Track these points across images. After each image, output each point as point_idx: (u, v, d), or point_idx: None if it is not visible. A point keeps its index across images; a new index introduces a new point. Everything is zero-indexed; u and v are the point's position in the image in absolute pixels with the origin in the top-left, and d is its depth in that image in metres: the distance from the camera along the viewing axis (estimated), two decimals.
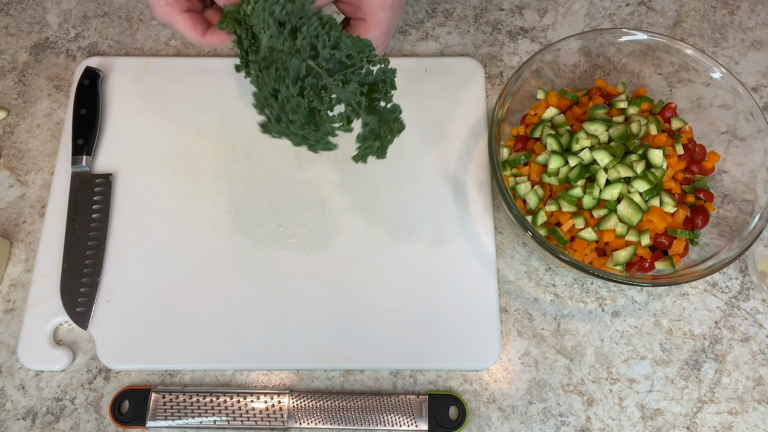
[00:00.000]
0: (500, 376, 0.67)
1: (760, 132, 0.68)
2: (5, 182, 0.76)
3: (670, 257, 0.65)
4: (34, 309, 0.68)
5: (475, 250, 0.71)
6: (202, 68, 0.81)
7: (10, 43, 0.84)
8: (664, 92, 0.75)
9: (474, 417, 0.65)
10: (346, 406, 0.64)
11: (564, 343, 0.69)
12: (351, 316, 0.68)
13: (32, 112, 0.80)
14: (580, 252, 0.65)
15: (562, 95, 0.72)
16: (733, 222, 0.67)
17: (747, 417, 0.66)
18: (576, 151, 0.66)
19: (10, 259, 0.72)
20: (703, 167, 0.70)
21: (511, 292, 0.71)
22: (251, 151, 0.76)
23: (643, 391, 0.67)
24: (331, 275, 0.70)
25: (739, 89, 0.69)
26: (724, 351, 0.68)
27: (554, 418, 0.65)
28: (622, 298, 0.71)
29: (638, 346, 0.69)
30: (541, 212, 0.66)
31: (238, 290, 0.70)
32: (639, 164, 0.64)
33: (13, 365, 0.68)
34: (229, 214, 0.73)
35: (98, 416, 0.66)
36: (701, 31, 0.85)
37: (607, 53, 0.74)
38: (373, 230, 0.72)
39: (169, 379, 0.67)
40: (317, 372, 0.68)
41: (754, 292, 0.71)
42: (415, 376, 0.67)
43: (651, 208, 0.64)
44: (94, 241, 0.71)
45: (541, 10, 0.86)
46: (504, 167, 0.70)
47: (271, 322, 0.68)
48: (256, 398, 0.65)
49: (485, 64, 0.82)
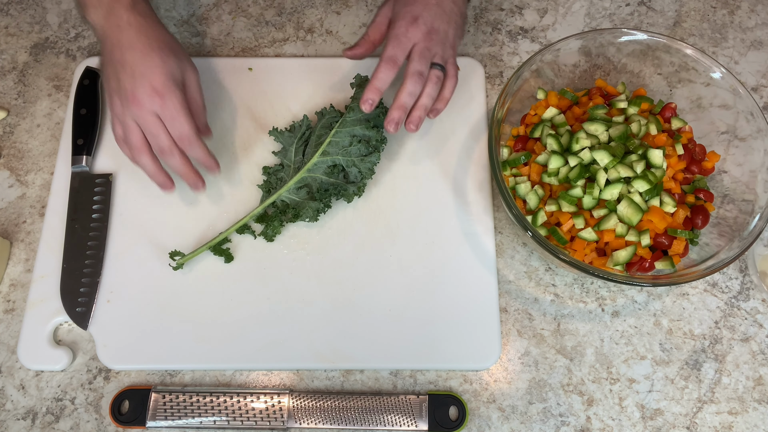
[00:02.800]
0: (500, 376, 0.67)
1: (760, 132, 0.68)
2: (5, 182, 0.76)
3: (670, 257, 0.65)
4: (34, 309, 0.68)
5: (475, 250, 0.71)
6: (202, 68, 0.80)
7: (10, 43, 0.84)
8: (664, 92, 0.75)
9: (474, 417, 0.65)
10: (346, 406, 0.64)
11: (564, 343, 0.69)
12: (351, 316, 0.68)
13: (32, 112, 0.80)
14: (580, 252, 0.65)
15: (562, 95, 0.72)
16: (733, 222, 0.67)
17: (747, 417, 0.66)
18: (576, 151, 0.66)
19: (10, 259, 0.72)
20: (703, 167, 0.70)
21: (511, 292, 0.71)
22: (251, 151, 0.76)
23: (643, 391, 0.67)
24: (331, 275, 0.70)
25: (739, 89, 0.69)
26: (724, 351, 0.68)
27: (554, 418, 0.65)
28: (622, 298, 0.71)
29: (638, 346, 0.69)
30: (541, 212, 0.66)
31: (238, 290, 0.70)
32: (639, 164, 0.64)
33: (13, 365, 0.68)
34: (229, 214, 0.73)
35: (98, 416, 0.66)
36: (701, 31, 0.85)
37: (607, 53, 0.74)
38: (373, 230, 0.72)
39: (169, 379, 0.67)
40: (317, 372, 0.68)
41: (754, 292, 0.71)
42: (415, 376, 0.67)
43: (651, 208, 0.64)
44: (94, 241, 0.71)
45: (541, 10, 0.86)
46: (504, 167, 0.70)
47: (271, 322, 0.68)
48: (256, 398, 0.65)
49: (485, 64, 0.82)
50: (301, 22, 0.85)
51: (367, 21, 0.85)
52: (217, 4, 0.87)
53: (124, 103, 0.63)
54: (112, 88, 0.64)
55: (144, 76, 0.62)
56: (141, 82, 0.62)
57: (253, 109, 0.79)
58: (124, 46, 0.63)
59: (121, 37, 0.63)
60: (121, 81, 0.62)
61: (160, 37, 0.65)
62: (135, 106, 0.62)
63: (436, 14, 0.68)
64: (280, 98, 0.79)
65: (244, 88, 0.80)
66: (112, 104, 0.65)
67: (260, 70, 0.81)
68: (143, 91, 0.62)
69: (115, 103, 0.64)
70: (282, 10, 0.86)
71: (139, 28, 0.63)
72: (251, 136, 0.77)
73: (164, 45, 0.65)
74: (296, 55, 0.83)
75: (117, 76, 0.63)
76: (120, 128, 0.65)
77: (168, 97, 0.63)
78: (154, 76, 0.62)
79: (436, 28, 0.68)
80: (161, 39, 0.65)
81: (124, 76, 0.62)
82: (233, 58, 0.82)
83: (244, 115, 0.78)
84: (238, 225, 0.70)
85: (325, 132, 0.71)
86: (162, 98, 0.62)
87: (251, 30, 0.85)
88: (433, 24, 0.68)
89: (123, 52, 0.62)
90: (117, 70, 0.63)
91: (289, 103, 0.79)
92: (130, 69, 0.62)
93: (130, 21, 0.63)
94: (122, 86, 0.62)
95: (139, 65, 0.62)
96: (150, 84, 0.62)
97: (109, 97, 0.65)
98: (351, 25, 0.85)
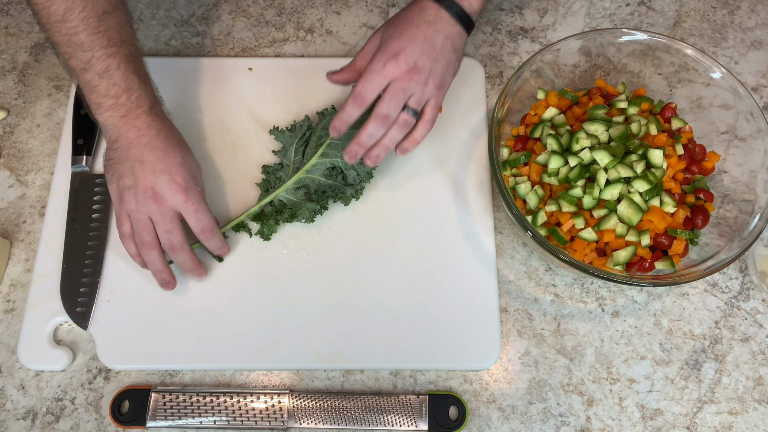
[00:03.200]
0: (500, 376, 0.67)
1: (760, 132, 0.68)
2: (5, 182, 0.76)
3: (670, 257, 0.65)
4: (34, 309, 0.68)
5: (475, 250, 0.71)
6: (202, 68, 0.81)
7: (10, 43, 0.84)
8: (664, 92, 0.75)
9: (474, 417, 0.65)
10: (346, 406, 0.64)
11: (564, 343, 0.69)
12: (351, 316, 0.68)
13: (32, 112, 0.80)
14: (580, 252, 0.65)
15: (562, 95, 0.72)
16: (733, 222, 0.67)
17: (747, 417, 0.66)
18: (576, 151, 0.66)
19: (10, 259, 0.72)
20: (703, 167, 0.70)
21: (511, 292, 0.71)
22: (251, 151, 0.76)
23: (643, 391, 0.67)
24: (331, 275, 0.70)
25: (739, 89, 0.69)
26: (724, 351, 0.68)
27: (554, 418, 0.65)
28: (622, 298, 0.71)
29: (638, 346, 0.69)
30: (541, 212, 0.66)
31: (238, 290, 0.70)
32: (639, 164, 0.64)
33: (13, 365, 0.68)
34: (228, 213, 0.73)
35: (98, 416, 0.66)
36: (701, 31, 0.85)
37: (607, 53, 0.74)
38: (373, 230, 0.72)
39: (169, 379, 0.67)
40: (317, 372, 0.67)
41: (754, 292, 0.71)
42: (415, 376, 0.67)
43: (651, 208, 0.64)
44: (94, 241, 0.71)
45: (541, 10, 0.86)
46: (504, 167, 0.70)
47: (271, 322, 0.68)
48: (256, 398, 0.65)
49: (485, 64, 0.82)
50: (301, 22, 0.85)
51: (367, 21, 0.85)
52: (217, 4, 0.87)
53: (140, 200, 0.63)
54: (126, 186, 0.64)
55: (166, 173, 0.63)
56: (164, 178, 0.63)
57: (253, 109, 0.79)
58: (144, 146, 0.63)
59: (141, 137, 0.63)
60: (139, 179, 0.63)
61: (176, 136, 0.66)
62: (155, 202, 0.63)
63: (422, 50, 0.63)
64: (280, 98, 0.79)
65: (244, 88, 0.80)
66: (123, 201, 0.64)
67: (260, 70, 0.81)
68: (167, 187, 0.63)
69: (127, 200, 0.64)
70: (282, 10, 0.86)
71: (158, 129, 0.64)
72: (251, 136, 0.77)
73: (181, 143, 0.66)
74: (296, 55, 0.83)
75: (134, 174, 0.63)
76: (128, 225, 0.65)
77: (191, 192, 0.64)
78: (176, 174, 0.63)
79: (420, 66, 0.62)
80: (178, 138, 0.66)
81: (143, 173, 0.63)
82: (233, 58, 0.82)
83: (244, 115, 0.78)
84: (234, 223, 0.70)
85: (325, 133, 0.71)
86: (186, 193, 0.64)
87: (251, 30, 0.85)
88: (416, 61, 0.62)
89: (142, 151, 0.63)
90: (134, 169, 0.63)
91: (289, 103, 0.79)
92: (150, 167, 0.63)
93: (149, 123, 0.64)
94: (140, 183, 0.63)
95: (160, 163, 0.63)
96: (173, 180, 0.63)
97: (119, 193, 0.64)
98: (351, 25, 0.85)
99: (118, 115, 0.63)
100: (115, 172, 0.64)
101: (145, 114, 0.64)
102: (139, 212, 0.63)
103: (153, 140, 0.63)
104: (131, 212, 0.64)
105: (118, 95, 0.62)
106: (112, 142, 0.64)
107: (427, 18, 0.63)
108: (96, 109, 0.63)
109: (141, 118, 0.64)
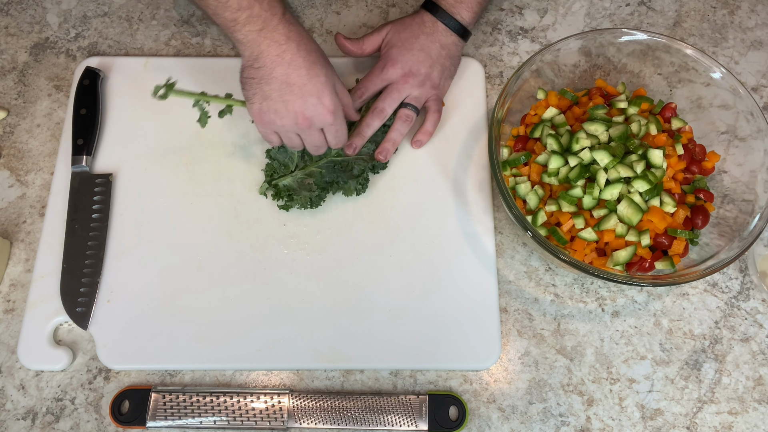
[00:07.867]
0: (500, 376, 0.67)
1: (760, 132, 0.68)
2: (5, 182, 0.76)
3: (670, 257, 0.65)
4: (34, 309, 0.68)
5: (475, 250, 0.71)
6: (202, 68, 0.81)
7: (10, 43, 0.84)
8: (664, 92, 0.75)
9: (474, 417, 0.65)
10: (346, 406, 0.64)
11: (564, 343, 0.69)
12: (351, 316, 0.68)
13: (32, 112, 0.80)
14: (580, 252, 0.65)
15: (562, 95, 0.72)
16: (733, 222, 0.67)
17: (747, 417, 0.66)
18: (576, 151, 0.66)
19: (10, 259, 0.72)
20: (703, 167, 0.70)
21: (511, 292, 0.71)
22: (251, 151, 0.76)
23: (643, 391, 0.67)
24: (331, 275, 0.70)
25: (739, 89, 0.69)
26: (724, 351, 0.68)
27: (554, 418, 0.65)
28: (622, 298, 0.71)
29: (638, 346, 0.69)
30: (541, 212, 0.66)
31: (238, 290, 0.70)
32: (639, 164, 0.64)
33: (13, 365, 0.68)
34: (229, 214, 0.73)
35: (98, 416, 0.66)
36: (701, 31, 0.85)
37: (607, 53, 0.74)
38: (373, 230, 0.72)
39: (169, 379, 0.67)
40: (317, 372, 0.68)
41: (754, 292, 0.71)
42: (415, 376, 0.67)
43: (651, 208, 0.64)
44: (94, 241, 0.71)
45: (541, 10, 0.86)
46: (504, 167, 0.70)
47: (271, 322, 0.68)
48: (256, 398, 0.65)
49: (485, 64, 0.82)
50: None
51: (367, 21, 0.85)
52: None
53: (289, 123, 0.65)
54: (272, 108, 0.64)
55: (313, 95, 0.63)
56: (312, 102, 0.63)
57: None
58: (289, 64, 0.62)
59: (283, 53, 0.62)
60: (288, 102, 0.63)
61: (315, 49, 0.65)
62: (305, 124, 0.65)
63: (418, 59, 0.73)
64: None
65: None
66: (271, 122, 0.65)
67: None
68: (315, 111, 0.64)
69: (276, 121, 0.65)
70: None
71: (298, 42, 0.63)
72: (251, 136, 0.77)
73: (321, 57, 0.65)
74: None
75: (282, 98, 0.63)
76: (277, 137, 0.68)
77: (337, 115, 0.65)
78: (323, 95, 0.64)
79: (415, 72, 0.73)
80: (316, 50, 0.65)
81: (292, 97, 0.63)
82: (233, 58, 0.82)
83: (244, 115, 0.78)
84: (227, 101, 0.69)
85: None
86: (333, 116, 0.65)
87: None
88: (411, 68, 0.72)
89: (287, 71, 0.62)
90: (282, 91, 0.63)
91: None
92: (298, 90, 0.63)
93: (288, 35, 0.62)
94: (289, 108, 0.63)
95: (308, 85, 0.63)
96: (321, 103, 0.64)
97: (264, 114, 0.65)
98: (351, 25, 0.85)
99: (256, 29, 0.62)
100: (258, 92, 0.64)
101: (281, 24, 0.62)
102: (288, 132, 0.66)
103: (295, 56, 0.62)
104: (279, 130, 0.66)
105: (251, 5, 0.61)
106: (253, 59, 0.63)
107: (426, 29, 0.74)
108: (232, 26, 0.62)
109: (278, 30, 0.62)
